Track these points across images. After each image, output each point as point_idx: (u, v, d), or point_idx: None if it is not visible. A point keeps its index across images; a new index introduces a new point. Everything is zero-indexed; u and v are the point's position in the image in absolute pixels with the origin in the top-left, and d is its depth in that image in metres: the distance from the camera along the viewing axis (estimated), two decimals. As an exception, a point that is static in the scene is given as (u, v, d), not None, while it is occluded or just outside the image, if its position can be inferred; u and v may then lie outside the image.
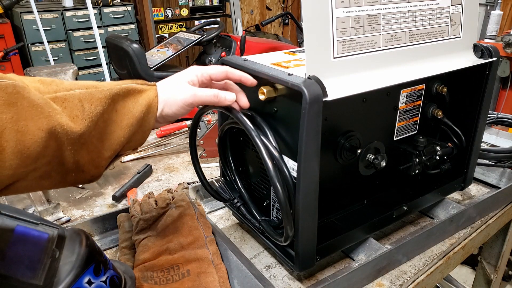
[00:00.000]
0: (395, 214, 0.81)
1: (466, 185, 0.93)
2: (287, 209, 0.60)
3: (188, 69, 0.64)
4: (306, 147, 0.58)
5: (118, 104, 0.55)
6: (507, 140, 1.32)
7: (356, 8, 0.62)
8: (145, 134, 0.59)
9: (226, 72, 0.64)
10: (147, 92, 0.58)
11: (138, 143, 0.59)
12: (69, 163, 0.50)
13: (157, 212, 0.80)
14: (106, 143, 0.54)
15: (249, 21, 4.90)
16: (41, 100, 0.47)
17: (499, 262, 1.23)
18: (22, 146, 0.44)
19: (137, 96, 0.57)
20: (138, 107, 0.56)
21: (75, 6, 3.54)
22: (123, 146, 0.56)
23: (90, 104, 0.51)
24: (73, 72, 2.32)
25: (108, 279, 0.56)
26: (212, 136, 1.19)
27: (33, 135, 0.45)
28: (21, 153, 0.44)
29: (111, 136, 0.54)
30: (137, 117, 0.56)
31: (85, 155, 0.52)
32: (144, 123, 0.57)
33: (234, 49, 2.63)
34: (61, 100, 0.49)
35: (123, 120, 0.55)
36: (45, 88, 0.50)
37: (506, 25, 3.38)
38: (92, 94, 0.52)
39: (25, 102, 0.45)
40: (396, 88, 0.73)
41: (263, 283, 0.66)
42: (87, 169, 0.53)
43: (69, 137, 0.48)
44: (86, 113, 0.50)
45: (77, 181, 0.54)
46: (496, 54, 0.79)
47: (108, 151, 0.54)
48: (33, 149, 0.45)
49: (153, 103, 0.57)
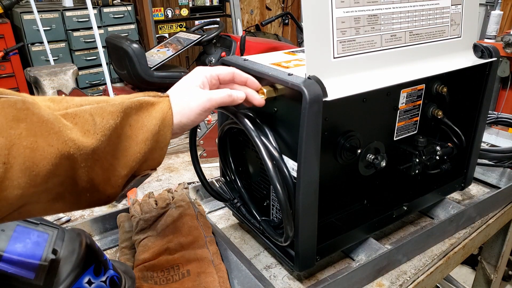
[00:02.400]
0: (395, 214, 0.81)
1: (466, 185, 0.93)
2: (287, 209, 0.60)
3: (196, 72, 0.62)
4: (306, 147, 0.58)
5: (131, 119, 0.53)
6: (507, 140, 1.32)
7: (356, 8, 0.62)
8: (162, 151, 0.56)
9: (233, 73, 0.63)
10: (160, 104, 0.56)
11: (156, 161, 0.56)
12: (83, 182, 0.48)
13: (157, 212, 0.80)
14: (121, 160, 0.52)
15: (249, 21, 4.89)
16: (51, 116, 0.45)
17: (499, 262, 1.23)
18: (31, 163, 0.42)
19: (150, 109, 0.55)
20: (152, 120, 0.54)
21: (75, 6, 3.54)
22: (141, 164, 0.54)
23: (102, 118, 0.50)
24: (73, 72, 2.32)
25: (108, 279, 0.56)
26: (212, 136, 1.19)
27: (42, 151, 0.43)
28: (30, 171, 0.42)
29: (126, 153, 0.52)
30: (152, 131, 0.54)
31: (100, 172, 0.50)
32: (160, 138, 0.55)
33: (234, 49, 2.63)
34: (72, 116, 0.48)
35: (138, 135, 0.53)
36: (55, 105, 0.48)
37: (506, 25, 3.38)
38: (103, 108, 0.50)
39: (34, 118, 0.43)
40: (396, 88, 0.73)
41: (263, 283, 0.66)
42: (103, 189, 0.51)
43: (82, 152, 0.47)
44: (98, 127, 0.49)
45: (93, 202, 0.52)
46: (496, 54, 0.79)
47: (124, 169, 0.52)
48: (42, 167, 0.43)
49: (167, 116, 0.55)
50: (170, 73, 2.44)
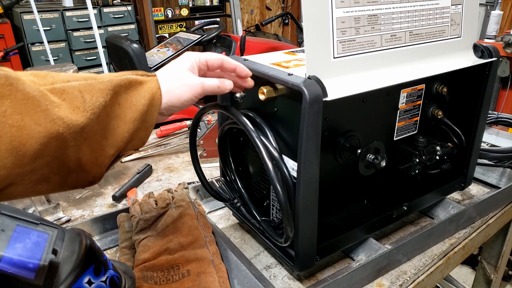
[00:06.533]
0: (395, 214, 0.81)
1: (466, 185, 0.93)
2: (287, 210, 0.60)
3: (185, 56, 0.61)
4: (306, 147, 0.58)
5: (120, 97, 0.52)
6: (507, 140, 1.32)
7: (356, 8, 0.62)
8: (147, 131, 0.55)
9: (222, 59, 0.63)
10: (149, 83, 0.55)
11: (141, 141, 0.55)
12: (71, 162, 0.47)
13: (157, 212, 0.80)
14: (109, 139, 0.51)
15: (249, 21, 4.89)
16: (37, 92, 0.43)
17: (499, 262, 1.23)
18: (17, 143, 0.40)
19: (139, 88, 0.53)
20: (141, 99, 0.53)
21: (75, 6, 3.55)
22: (126, 143, 0.53)
23: (91, 96, 0.48)
24: (73, 72, 2.32)
25: (108, 279, 0.56)
26: (212, 136, 1.19)
27: (29, 130, 0.41)
28: (16, 150, 0.40)
29: (115, 132, 0.51)
30: (140, 111, 0.53)
31: (88, 152, 0.48)
32: (147, 118, 0.54)
33: (234, 49, 2.63)
34: (60, 91, 0.46)
35: (126, 114, 0.52)
36: (40, 80, 0.46)
37: (506, 25, 3.38)
38: (92, 85, 0.49)
39: (19, 94, 0.41)
40: (396, 88, 0.73)
41: (263, 283, 0.66)
42: (90, 168, 0.50)
43: (71, 131, 0.45)
44: (88, 105, 0.47)
45: (78, 183, 0.51)
46: (496, 54, 0.79)
47: (111, 148, 0.51)
48: (30, 146, 0.41)
49: (156, 95, 0.54)
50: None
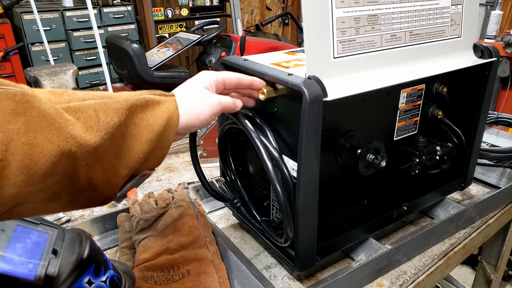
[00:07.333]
0: (395, 214, 0.81)
1: (466, 185, 0.93)
2: (287, 210, 0.60)
3: (203, 75, 0.61)
4: (306, 147, 0.58)
5: (136, 117, 0.51)
6: (507, 140, 1.32)
7: (356, 8, 0.62)
8: (164, 151, 0.54)
9: (239, 78, 0.63)
10: (166, 103, 0.54)
11: (156, 161, 0.54)
12: (82, 181, 0.46)
13: (157, 212, 0.80)
14: (123, 159, 0.50)
15: (249, 21, 4.89)
16: (52, 110, 0.43)
17: (499, 262, 1.23)
18: (29, 161, 0.40)
19: (156, 107, 0.53)
20: (157, 120, 0.52)
21: (75, 6, 3.54)
22: (141, 164, 0.52)
23: (106, 115, 0.47)
24: (73, 72, 2.32)
25: (108, 279, 0.56)
26: (212, 136, 1.19)
27: (42, 148, 0.41)
28: (27, 169, 0.40)
29: (129, 152, 0.50)
30: (157, 131, 0.52)
31: (100, 172, 0.47)
32: (163, 138, 0.53)
33: (234, 49, 2.63)
34: (74, 110, 0.46)
35: (142, 134, 0.51)
36: (56, 98, 0.46)
37: (506, 25, 3.38)
38: (107, 104, 0.48)
39: (34, 112, 0.41)
40: (396, 88, 0.73)
41: (263, 283, 0.66)
42: (101, 188, 0.49)
43: (83, 150, 0.44)
44: (102, 124, 0.47)
45: (89, 202, 0.50)
46: (496, 54, 0.79)
47: (125, 169, 0.50)
48: (41, 165, 0.41)
49: (174, 116, 0.54)
50: (170, 73, 2.44)
